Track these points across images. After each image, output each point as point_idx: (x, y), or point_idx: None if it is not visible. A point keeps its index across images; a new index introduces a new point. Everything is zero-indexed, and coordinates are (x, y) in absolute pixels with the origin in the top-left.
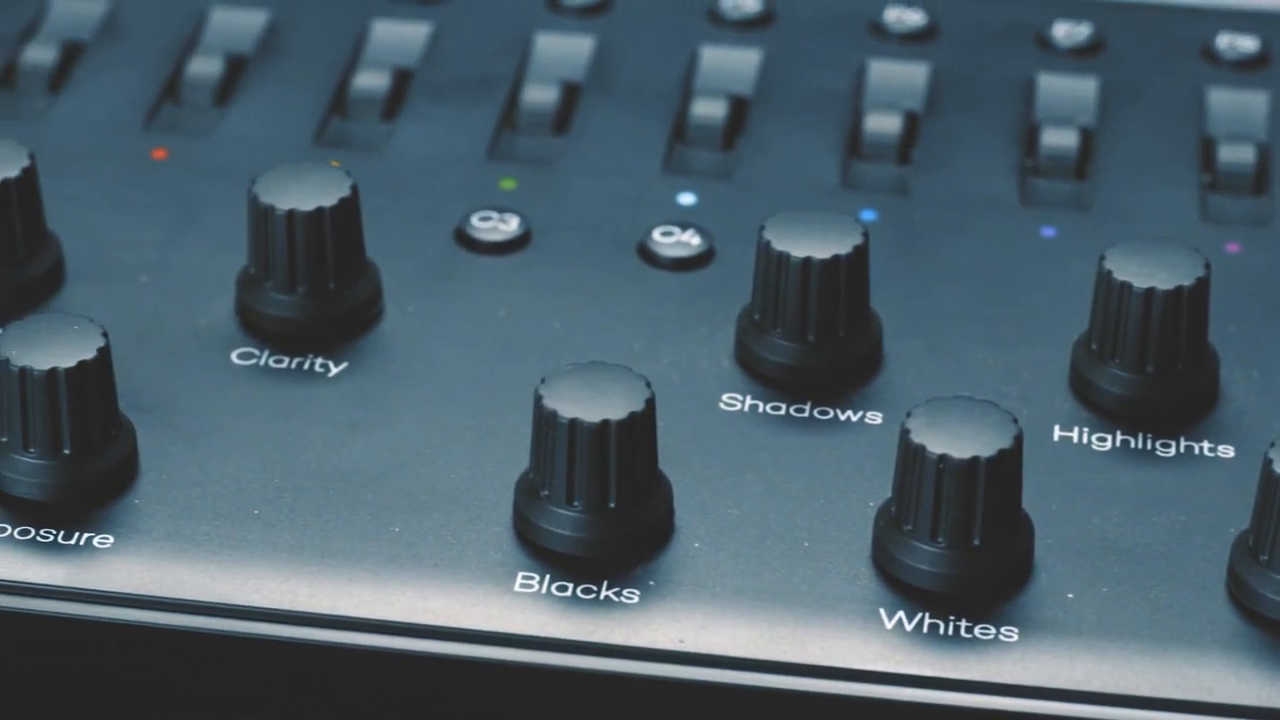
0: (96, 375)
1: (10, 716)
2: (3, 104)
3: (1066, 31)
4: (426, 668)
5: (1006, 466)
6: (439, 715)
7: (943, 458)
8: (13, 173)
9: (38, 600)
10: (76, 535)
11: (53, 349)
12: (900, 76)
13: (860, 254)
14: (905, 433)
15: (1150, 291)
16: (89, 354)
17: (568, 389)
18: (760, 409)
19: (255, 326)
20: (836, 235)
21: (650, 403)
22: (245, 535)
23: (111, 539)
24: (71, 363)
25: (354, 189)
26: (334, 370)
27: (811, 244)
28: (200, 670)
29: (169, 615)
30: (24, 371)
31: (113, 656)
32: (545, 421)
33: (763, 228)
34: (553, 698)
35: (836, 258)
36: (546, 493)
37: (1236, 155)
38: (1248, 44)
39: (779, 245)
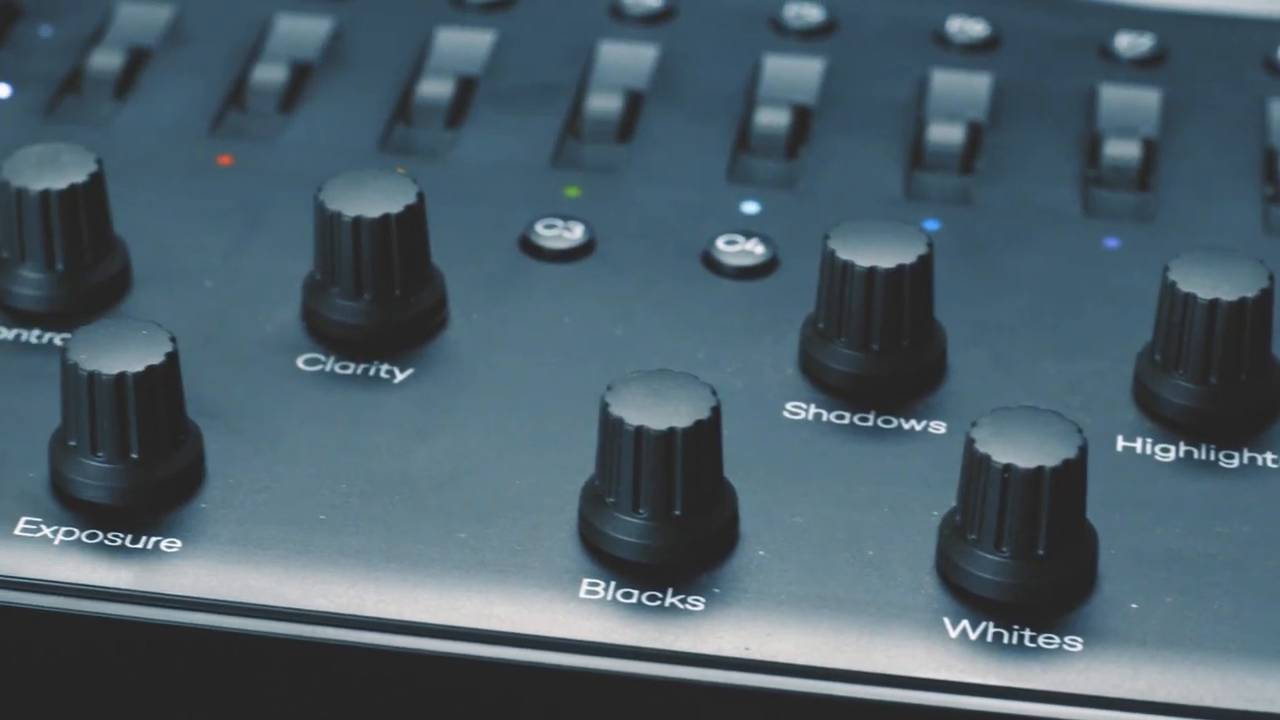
0: (165, 380)
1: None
2: (69, 110)
3: (1129, 43)
4: (492, 673)
5: (1071, 476)
6: None
7: (1008, 467)
8: (80, 178)
9: (105, 604)
10: (144, 539)
11: (121, 353)
12: (963, 87)
13: (925, 263)
14: (970, 442)
15: (1214, 303)
16: (157, 359)
17: (634, 396)
18: (824, 418)
19: (321, 332)
20: (901, 245)
21: (716, 410)
22: (311, 540)
23: (179, 543)
24: (140, 367)
25: (420, 196)
26: (399, 376)
27: (876, 253)
28: (267, 674)
29: (236, 619)
30: (93, 376)
31: (179, 660)
32: (611, 429)
33: (827, 237)
34: (617, 704)
35: (901, 267)
36: (612, 500)
37: None
38: None
39: (844, 254)
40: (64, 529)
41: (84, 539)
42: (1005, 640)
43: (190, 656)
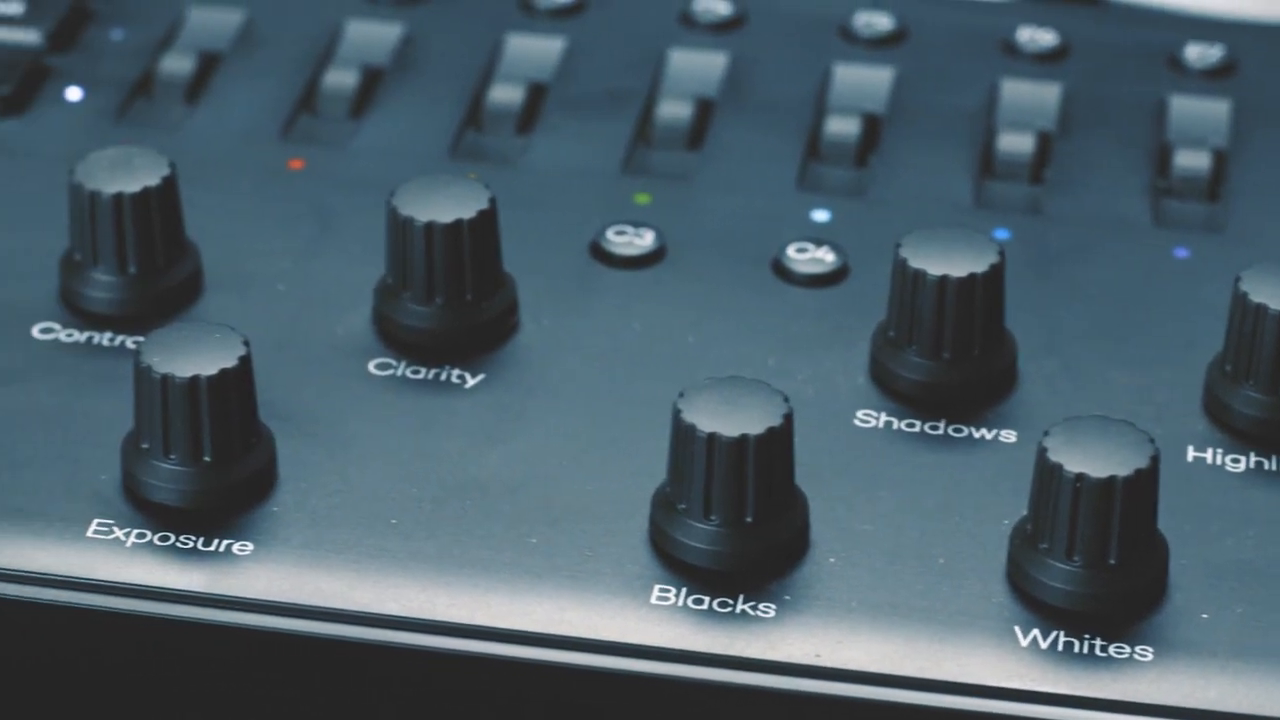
0: (238, 383)
1: None
2: (140, 113)
3: (1199, 53)
4: (562, 678)
5: (1143, 486)
6: None
7: (1080, 476)
8: (153, 181)
9: (177, 606)
10: (216, 542)
11: (195, 357)
12: (1033, 96)
13: (996, 272)
14: (1042, 451)
15: None
16: (230, 362)
17: (706, 403)
18: (895, 426)
19: (393, 337)
20: (973, 253)
21: (788, 418)
22: (383, 544)
23: (251, 546)
24: (213, 370)
25: (492, 201)
26: (471, 381)
27: (948, 262)
28: (337, 678)
29: (306, 623)
30: (166, 379)
31: (250, 663)
32: (684, 435)
33: (899, 245)
34: (688, 710)
35: (973, 276)
36: (684, 506)
37: None
38: None
39: (915, 262)
40: (136, 531)
41: (156, 541)
42: (1076, 649)
43: (260, 660)
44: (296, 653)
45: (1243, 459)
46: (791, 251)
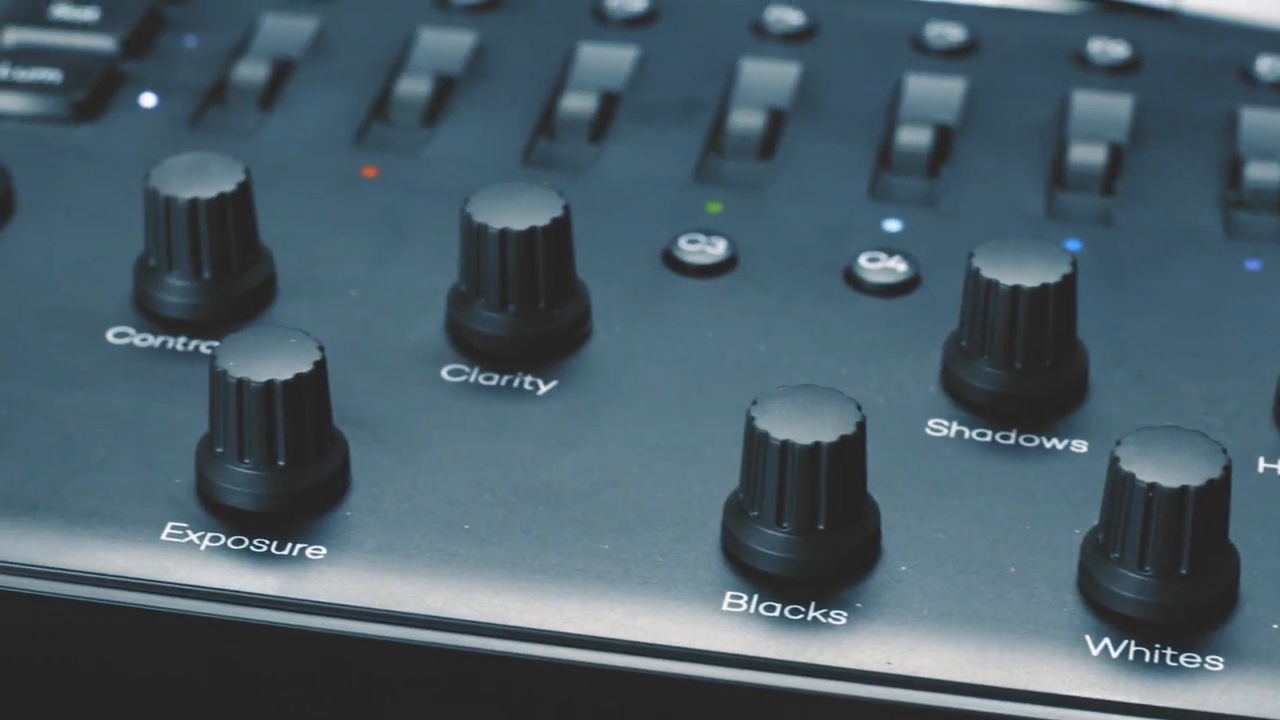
0: (312, 388)
1: None
2: (214, 120)
3: (1270, 66)
4: (635, 684)
5: (1215, 496)
6: None
7: (1152, 486)
8: (229, 187)
9: (251, 609)
10: (289, 546)
11: (270, 361)
12: (1104, 108)
13: (1068, 283)
14: (1115, 461)
15: None
16: (305, 367)
17: (780, 411)
18: (966, 435)
19: (465, 343)
20: (1045, 264)
21: (861, 426)
22: (456, 549)
23: (324, 550)
24: (288, 375)
25: (566, 209)
26: (543, 388)
27: (1020, 272)
28: (409, 682)
29: (379, 626)
30: (241, 383)
31: (322, 666)
32: (757, 443)
33: (972, 255)
34: (759, 716)
35: (1045, 286)
36: (756, 513)
37: None
38: None
39: (988, 273)
40: (210, 535)
41: (230, 545)
42: (1147, 659)
43: (333, 663)
44: (368, 656)
45: None
46: (863, 261)
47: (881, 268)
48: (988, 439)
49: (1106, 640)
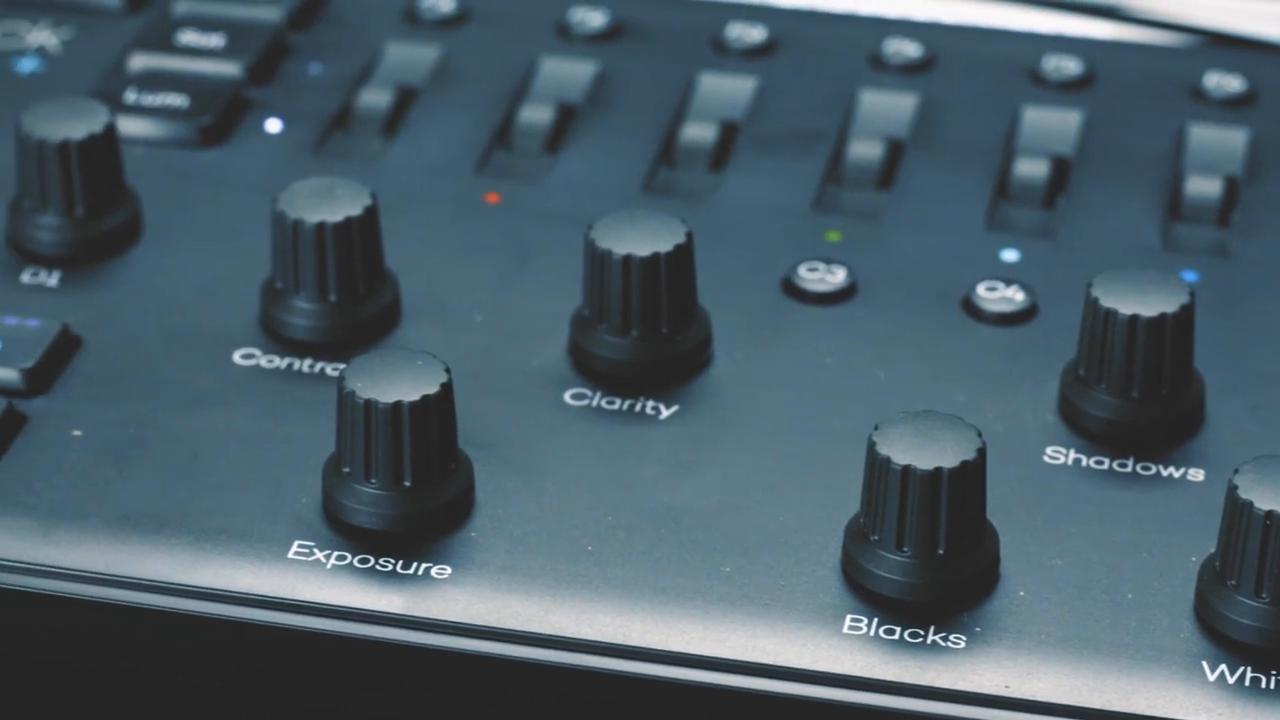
0: (439, 410)
1: None
2: (338, 146)
3: None
4: (755, 705)
5: None
6: None
7: (1269, 514)
8: (355, 211)
9: (376, 627)
10: (415, 565)
11: (397, 383)
12: (1220, 141)
13: (1186, 313)
14: (1232, 489)
15: None
16: (432, 389)
17: (901, 436)
18: (1084, 463)
19: (588, 368)
20: (1164, 294)
21: (981, 452)
22: (579, 570)
23: (449, 570)
24: (415, 397)
25: (689, 236)
26: (665, 413)
27: (1139, 302)
28: (532, 700)
29: (503, 646)
30: (369, 404)
31: (448, 685)
32: (878, 468)
33: (1091, 284)
34: None
35: (1163, 316)
36: (876, 537)
37: None
38: None
39: (1107, 302)
40: (336, 553)
41: (356, 564)
42: (1263, 685)
43: (458, 682)
44: (493, 675)
45: None
46: (981, 290)
47: (999, 297)
48: (1105, 467)
49: (1223, 666)
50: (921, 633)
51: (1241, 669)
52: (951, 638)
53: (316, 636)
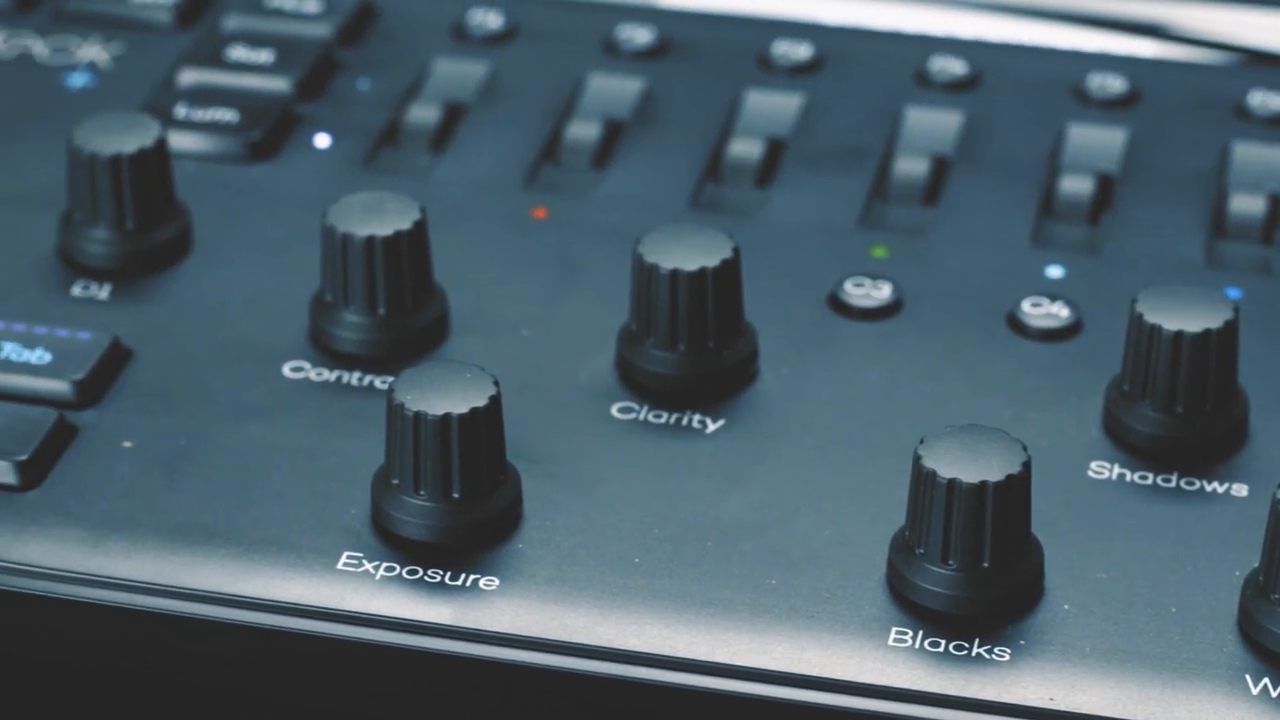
0: (488, 422)
1: None
2: (387, 161)
3: None
4: (801, 717)
5: None
6: None
7: None
8: (405, 225)
9: (424, 638)
10: (463, 576)
11: (446, 395)
12: (1266, 159)
13: (1231, 329)
14: (1276, 503)
15: None
16: (481, 401)
17: (946, 450)
18: (1128, 478)
19: (635, 382)
20: (1208, 310)
21: (1026, 466)
22: (626, 582)
23: (497, 581)
24: (464, 409)
25: (736, 251)
26: (711, 426)
27: (1183, 317)
28: (579, 711)
29: (551, 656)
30: (418, 416)
31: (496, 695)
32: (924, 481)
33: (1135, 300)
34: None
35: (1208, 332)
36: (922, 551)
37: None
38: None
39: (1151, 318)
40: (385, 564)
41: (404, 575)
42: None
43: (506, 692)
44: (541, 686)
45: None
46: (1026, 306)
47: (1044, 313)
48: (1149, 482)
49: (1266, 680)
50: (966, 645)
51: None
52: (996, 650)
53: (365, 647)
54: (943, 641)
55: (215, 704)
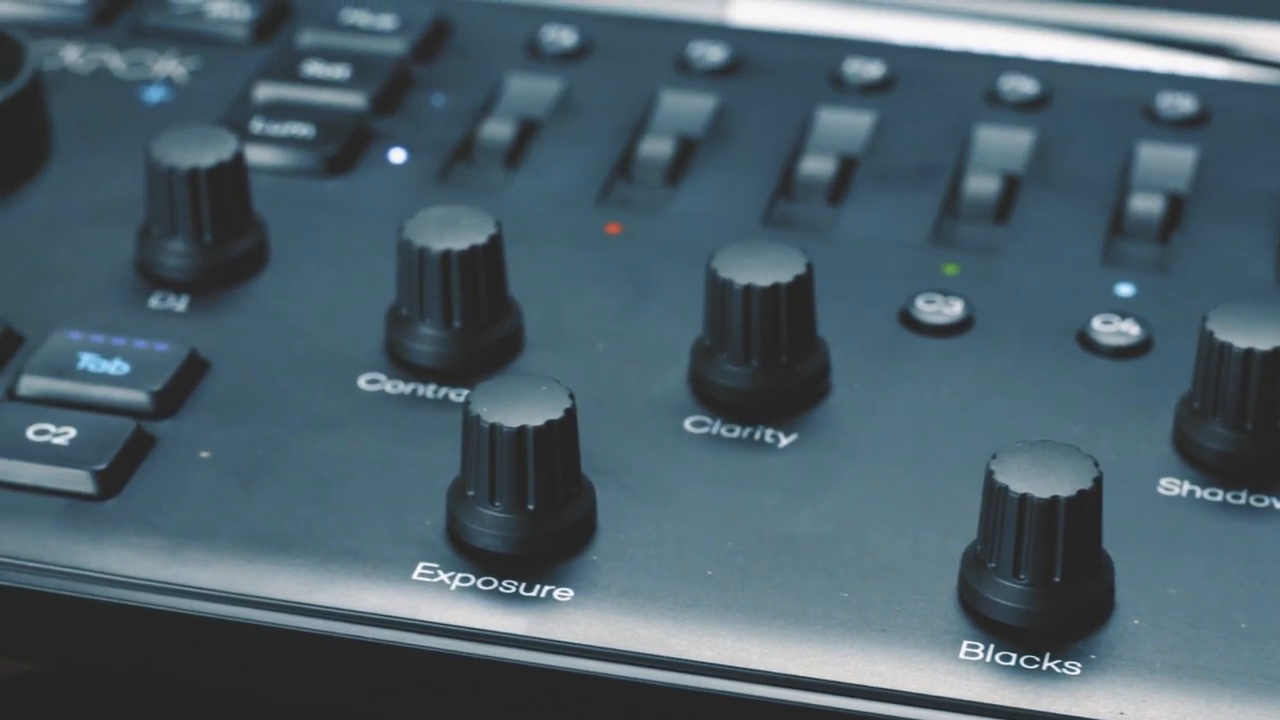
0: (563, 435)
1: None
2: (461, 177)
3: None
4: None
5: None
6: None
7: None
8: (481, 239)
9: (499, 648)
10: (537, 588)
11: (522, 408)
12: None
13: None
14: None
15: None
16: (557, 414)
17: (1019, 465)
18: (1198, 494)
19: (708, 396)
20: (1278, 328)
21: (1098, 481)
22: (699, 594)
23: (571, 592)
24: (540, 422)
25: (809, 267)
26: (784, 441)
27: (1254, 335)
28: None
29: (625, 667)
30: (494, 428)
31: (569, 706)
32: (996, 496)
33: (1206, 318)
34: None
35: (1277, 350)
36: (994, 565)
37: None
38: None
39: (1222, 335)
40: (460, 575)
41: (479, 585)
42: None
43: (580, 703)
44: (615, 697)
45: None
46: (1097, 323)
47: (1115, 330)
48: (1219, 498)
49: None
50: (1037, 659)
51: None
52: (1067, 664)
53: (440, 657)
54: (1014, 655)
55: (290, 713)
